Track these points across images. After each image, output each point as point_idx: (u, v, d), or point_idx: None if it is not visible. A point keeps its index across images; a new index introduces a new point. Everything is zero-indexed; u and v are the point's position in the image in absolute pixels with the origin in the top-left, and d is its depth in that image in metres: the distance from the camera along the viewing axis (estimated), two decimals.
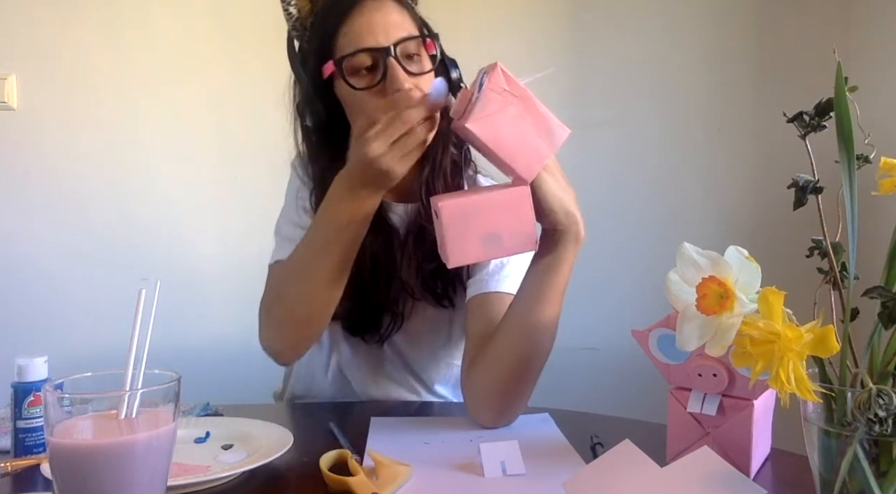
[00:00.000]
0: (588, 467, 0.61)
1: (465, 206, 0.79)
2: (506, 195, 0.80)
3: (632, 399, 1.62)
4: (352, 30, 0.99)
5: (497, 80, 0.77)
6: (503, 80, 0.78)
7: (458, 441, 0.87)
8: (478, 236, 0.79)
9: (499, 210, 0.79)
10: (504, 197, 0.80)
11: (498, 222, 0.79)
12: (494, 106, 0.77)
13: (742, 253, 0.53)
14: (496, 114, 0.77)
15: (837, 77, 0.51)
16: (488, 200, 0.79)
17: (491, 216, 0.79)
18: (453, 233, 0.78)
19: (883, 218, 0.69)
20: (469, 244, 0.79)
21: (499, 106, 0.77)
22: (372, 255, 1.05)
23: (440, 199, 0.80)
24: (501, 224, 0.79)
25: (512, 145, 0.78)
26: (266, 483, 0.76)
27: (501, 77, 0.78)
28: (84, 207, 1.95)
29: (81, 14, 1.93)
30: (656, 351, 0.77)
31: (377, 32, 0.98)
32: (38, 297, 1.94)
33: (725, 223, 2.04)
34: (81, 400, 0.55)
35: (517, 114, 0.78)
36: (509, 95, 0.77)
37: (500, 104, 0.77)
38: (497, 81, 0.77)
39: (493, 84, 0.77)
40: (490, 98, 0.77)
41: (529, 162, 0.79)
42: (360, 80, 0.98)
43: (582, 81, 2.05)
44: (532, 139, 0.79)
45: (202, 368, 1.13)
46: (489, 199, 0.79)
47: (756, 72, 2.02)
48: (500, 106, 0.77)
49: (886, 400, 0.48)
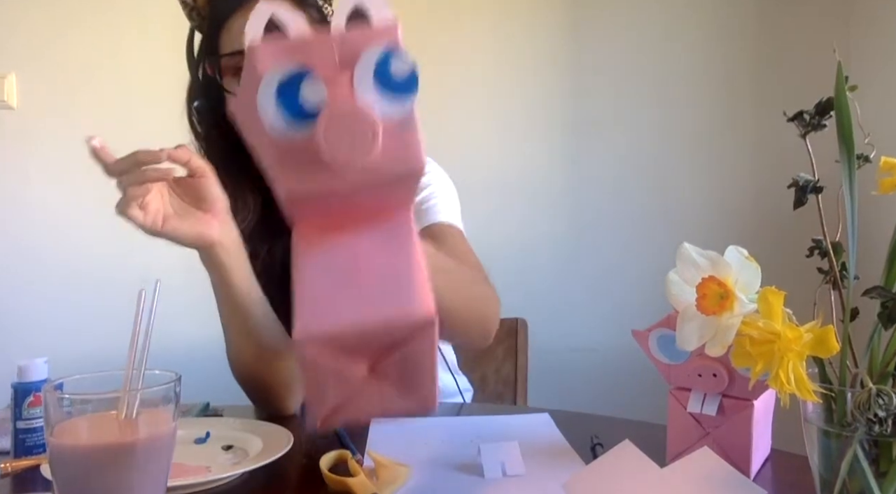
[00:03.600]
0: (588, 467, 0.61)
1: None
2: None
3: (632, 399, 1.62)
4: (234, 27, 0.93)
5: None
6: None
7: (458, 441, 0.87)
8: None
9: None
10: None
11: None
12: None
13: (742, 254, 0.53)
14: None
15: (837, 77, 0.51)
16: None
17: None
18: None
19: (883, 218, 0.69)
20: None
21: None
22: (287, 269, 1.01)
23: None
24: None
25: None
26: (266, 483, 0.76)
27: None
28: (84, 207, 1.95)
29: (81, 14, 1.93)
30: (656, 351, 0.77)
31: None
32: (38, 297, 1.94)
33: (725, 223, 2.04)
34: (81, 401, 0.55)
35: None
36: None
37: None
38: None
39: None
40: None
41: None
42: (237, 81, 0.90)
43: (582, 81, 2.05)
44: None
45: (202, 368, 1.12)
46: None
47: (756, 72, 2.02)
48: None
49: (886, 400, 0.48)
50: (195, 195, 0.87)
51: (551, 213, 2.06)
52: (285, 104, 0.44)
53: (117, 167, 0.80)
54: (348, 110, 0.44)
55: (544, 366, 1.64)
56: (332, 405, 0.50)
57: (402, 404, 0.51)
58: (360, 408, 0.51)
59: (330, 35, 0.45)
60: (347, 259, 0.49)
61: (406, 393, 0.51)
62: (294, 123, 0.44)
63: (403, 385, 0.50)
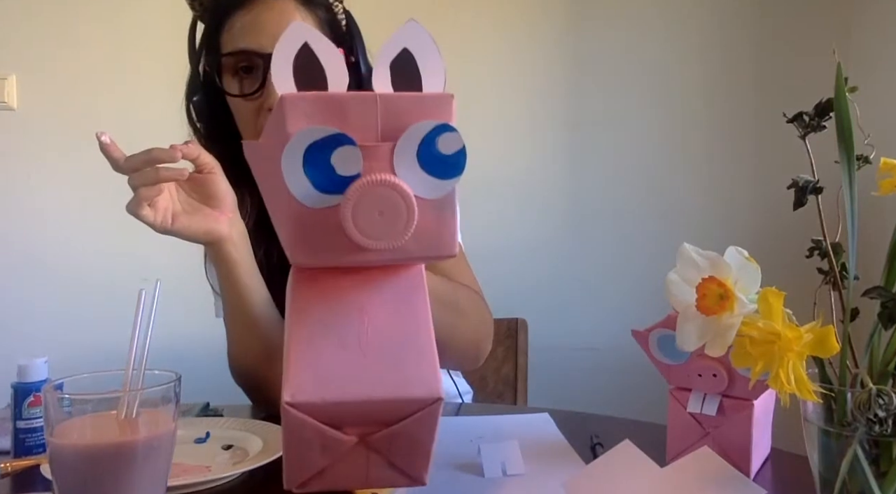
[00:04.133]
0: (588, 467, 0.61)
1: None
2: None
3: (632, 399, 1.62)
4: (235, 26, 0.91)
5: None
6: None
7: (458, 441, 0.87)
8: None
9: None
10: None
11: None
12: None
13: (742, 254, 0.53)
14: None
15: (837, 77, 0.51)
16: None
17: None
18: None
19: (883, 218, 0.69)
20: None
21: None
22: (283, 271, 1.01)
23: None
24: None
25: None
26: (266, 483, 0.76)
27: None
28: (84, 207, 1.95)
29: (81, 14, 1.93)
30: (656, 351, 0.77)
31: (262, 34, 0.89)
32: (38, 297, 1.94)
33: (725, 223, 2.04)
34: (81, 401, 0.55)
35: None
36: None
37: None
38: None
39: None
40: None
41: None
42: (237, 83, 0.92)
43: (582, 82, 2.05)
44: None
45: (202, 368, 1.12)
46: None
47: (756, 72, 2.03)
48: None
49: (886, 400, 0.48)
50: (203, 191, 0.87)
51: (551, 213, 2.06)
52: (313, 170, 0.39)
53: (129, 164, 0.79)
54: (383, 187, 0.39)
55: (544, 366, 1.64)
56: (313, 470, 0.47)
57: (390, 478, 0.47)
58: (344, 475, 0.47)
59: (375, 95, 0.40)
60: (353, 318, 0.44)
61: (396, 467, 0.47)
62: (321, 191, 0.39)
63: (395, 459, 0.46)
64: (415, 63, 0.42)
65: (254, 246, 0.98)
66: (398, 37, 0.42)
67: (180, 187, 0.86)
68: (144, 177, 0.79)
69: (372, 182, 0.38)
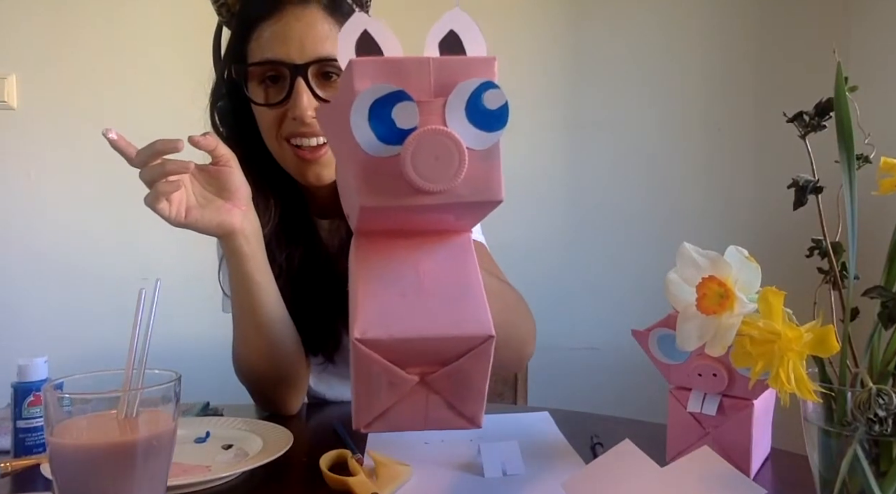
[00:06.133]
0: (588, 467, 0.61)
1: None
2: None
3: (632, 399, 1.62)
4: (264, 35, 0.91)
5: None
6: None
7: (458, 441, 0.87)
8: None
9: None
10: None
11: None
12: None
13: (742, 253, 0.53)
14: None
15: (837, 77, 0.51)
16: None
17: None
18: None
19: (883, 218, 0.69)
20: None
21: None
22: (304, 276, 1.01)
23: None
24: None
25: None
26: (266, 483, 0.76)
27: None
28: (84, 207, 1.95)
29: (81, 14, 1.93)
30: (656, 351, 0.77)
31: (291, 45, 0.89)
32: (38, 297, 1.94)
33: (725, 223, 2.04)
34: (81, 400, 0.55)
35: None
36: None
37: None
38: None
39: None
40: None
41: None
42: (262, 91, 0.92)
43: (582, 82, 2.05)
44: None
45: (202, 368, 1.12)
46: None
47: (756, 72, 2.03)
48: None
49: (886, 400, 0.48)
50: (218, 183, 0.87)
51: (551, 213, 2.06)
52: (377, 123, 0.44)
53: (139, 160, 0.80)
54: (438, 135, 0.44)
55: (544, 365, 1.64)
56: (379, 409, 0.51)
57: (447, 417, 0.52)
58: (406, 416, 0.52)
59: (428, 59, 0.46)
60: (409, 273, 0.50)
61: (453, 406, 0.52)
62: (384, 142, 0.45)
63: (452, 398, 0.52)
64: (460, 42, 0.48)
65: (276, 251, 0.98)
66: (445, 20, 0.48)
67: (195, 179, 0.86)
68: (152, 173, 0.79)
69: (428, 131, 0.44)
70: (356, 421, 0.52)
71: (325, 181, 0.96)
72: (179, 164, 0.79)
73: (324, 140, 0.92)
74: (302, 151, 0.93)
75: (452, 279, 0.50)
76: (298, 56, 0.89)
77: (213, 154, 0.86)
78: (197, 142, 0.82)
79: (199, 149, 0.85)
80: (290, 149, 0.94)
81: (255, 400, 1.03)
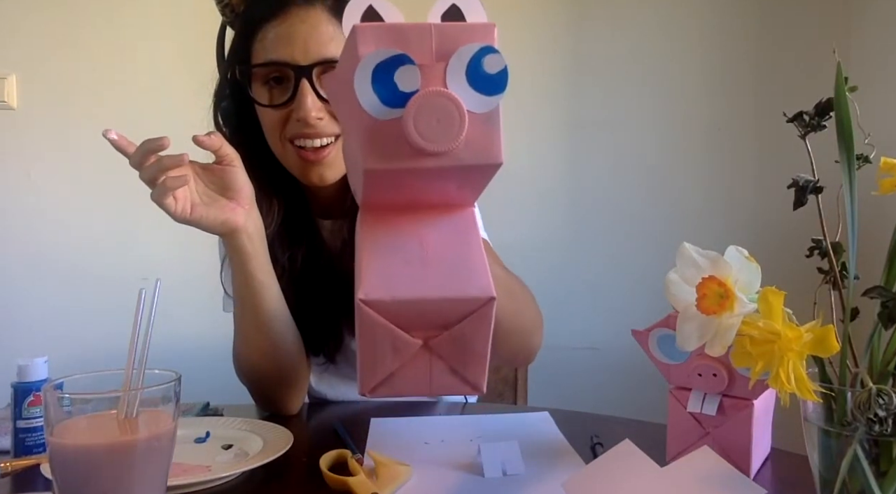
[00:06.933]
0: (588, 467, 0.61)
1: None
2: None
3: (632, 399, 1.62)
4: (268, 37, 0.91)
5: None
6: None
7: (458, 441, 0.87)
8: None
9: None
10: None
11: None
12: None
13: (742, 253, 0.53)
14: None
15: (837, 77, 0.51)
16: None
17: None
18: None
19: (883, 218, 0.69)
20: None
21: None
22: (306, 277, 1.01)
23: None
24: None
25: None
26: (266, 483, 0.76)
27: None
28: (84, 207, 1.95)
29: (81, 14, 1.93)
30: (656, 351, 0.77)
31: (295, 46, 0.89)
32: (38, 297, 1.94)
33: (725, 223, 2.04)
34: (81, 400, 0.55)
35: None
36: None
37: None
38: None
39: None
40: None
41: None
42: (266, 92, 0.93)
43: (582, 81, 2.05)
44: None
45: (202, 368, 1.12)
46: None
47: (756, 72, 2.03)
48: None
49: (886, 400, 0.48)
50: (221, 182, 0.88)
51: (551, 212, 2.06)
52: (380, 86, 0.45)
53: (133, 161, 0.81)
54: (439, 97, 0.45)
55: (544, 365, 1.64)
56: (383, 374, 0.52)
57: (451, 383, 0.53)
58: (410, 380, 0.53)
59: (429, 25, 0.47)
60: (413, 241, 0.51)
61: (456, 371, 0.53)
62: (386, 104, 0.46)
63: (455, 362, 0.52)
64: (462, 15, 0.50)
65: (278, 251, 0.99)
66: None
67: (199, 178, 0.87)
68: (150, 171, 0.80)
69: (429, 93, 0.45)
70: (361, 386, 0.53)
71: (329, 182, 0.96)
72: (175, 158, 0.80)
73: (328, 141, 0.93)
74: (305, 152, 0.93)
75: (455, 250, 0.51)
76: (303, 57, 0.89)
77: (218, 153, 0.86)
78: (201, 142, 0.83)
79: (203, 149, 0.85)
80: (293, 150, 0.94)
81: (256, 400, 1.03)
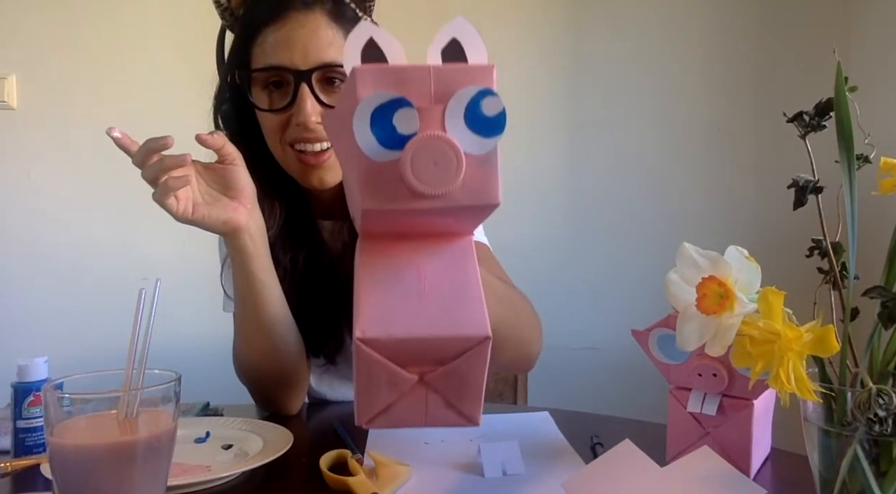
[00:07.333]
0: (588, 467, 0.61)
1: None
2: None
3: (632, 399, 1.62)
4: (268, 41, 0.91)
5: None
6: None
7: (458, 441, 0.87)
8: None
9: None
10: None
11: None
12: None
13: (742, 253, 0.53)
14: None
15: (837, 77, 0.51)
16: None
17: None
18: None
19: (883, 218, 0.69)
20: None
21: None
22: (308, 278, 1.02)
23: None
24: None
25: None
26: (266, 483, 0.76)
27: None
28: (84, 207, 1.95)
29: (81, 14, 1.93)
30: (656, 351, 0.77)
31: (295, 51, 0.89)
32: (38, 297, 1.94)
33: (725, 223, 2.04)
34: (81, 400, 0.55)
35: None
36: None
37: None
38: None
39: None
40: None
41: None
42: (266, 96, 0.93)
43: (582, 81, 2.05)
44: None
45: (202, 368, 1.12)
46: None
47: (756, 72, 2.03)
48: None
49: (886, 400, 0.48)
50: (223, 182, 0.88)
51: (551, 213, 2.06)
52: (378, 128, 0.46)
53: (135, 160, 0.80)
54: (437, 141, 0.46)
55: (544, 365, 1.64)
56: (380, 406, 0.53)
57: (446, 415, 0.54)
58: (406, 413, 0.53)
59: (428, 67, 0.47)
60: (411, 274, 0.52)
61: (452, 404, 0.53)
62: (385, 146, 0.46)
63: (450, 396, 0.53)
64: (462, 49, 0.50)
65: (280, 253, 0.99)
66: (448, 29, 0.50)
67: (201, 177, 0.87)
68: (152, 170, 0.80)
69: (427, 137, 0.46)
70: (358, 418, 0.53)
71: (329, 184, 0.96)
72: (177, 158, 0.80)
73: (327, 145, 0.93)
74: (305, 156, 0.93)
75: (452, 282, 0.52)
76: (302, 62, 0.89)
77: (220, 152, 0.86)
78: (204, 141, 0.83)
79: (205, 148, 0.85)
80: (293, 154, 0.94)
81: (256, 400, 1.03)
